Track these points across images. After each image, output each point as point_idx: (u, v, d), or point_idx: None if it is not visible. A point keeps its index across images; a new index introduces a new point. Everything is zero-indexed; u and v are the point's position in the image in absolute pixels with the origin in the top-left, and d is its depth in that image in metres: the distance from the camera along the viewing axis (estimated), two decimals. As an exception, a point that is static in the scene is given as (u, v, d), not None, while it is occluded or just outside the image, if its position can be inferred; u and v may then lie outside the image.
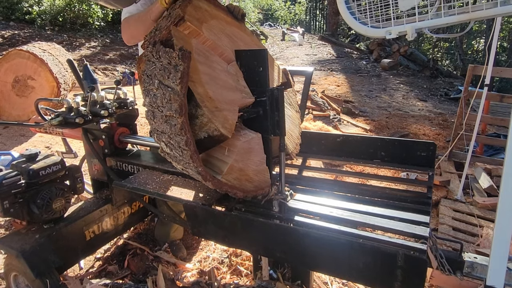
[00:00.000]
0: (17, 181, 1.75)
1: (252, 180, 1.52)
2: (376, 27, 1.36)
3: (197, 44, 1.40)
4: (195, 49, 1.37)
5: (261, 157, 1.52)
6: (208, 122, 1.31)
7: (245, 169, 1.47)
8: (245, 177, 1.49)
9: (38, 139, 4.57)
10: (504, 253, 1.20)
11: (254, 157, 1.49)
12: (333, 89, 8.09)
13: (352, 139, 1.97)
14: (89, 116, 1.95)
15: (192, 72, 1.31)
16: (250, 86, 1.46)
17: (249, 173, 1.49)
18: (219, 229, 1.46)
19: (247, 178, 1.50)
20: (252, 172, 1.50)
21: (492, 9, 1.17)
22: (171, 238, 2.51)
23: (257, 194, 1.55)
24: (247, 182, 1.50)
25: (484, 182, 3.44)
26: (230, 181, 1.43)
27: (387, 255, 1.13)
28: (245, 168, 1.47)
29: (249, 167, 1.49)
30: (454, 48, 15.22)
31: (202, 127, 1.32)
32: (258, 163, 1.51)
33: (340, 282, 2.16)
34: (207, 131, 1.33)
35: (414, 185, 2.26)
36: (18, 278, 1.94)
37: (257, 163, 1.51)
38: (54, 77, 4.95)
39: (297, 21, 22.51)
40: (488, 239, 2.59)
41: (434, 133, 5.43)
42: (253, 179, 1.52)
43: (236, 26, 1.67)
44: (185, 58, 1.24)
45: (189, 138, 1.25)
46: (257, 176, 1.53)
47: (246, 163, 1.47)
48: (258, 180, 1.54)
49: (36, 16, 10.20)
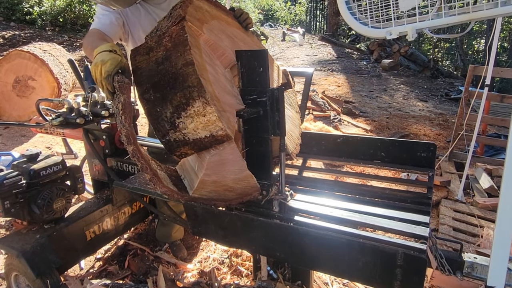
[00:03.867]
0: (18, 181, 1.76)
1: (233, 188, 1.45)
2: (376, 28, 1.37)
3: (204, 45, 1.40)
4: (203, 50, 1.37)
5: (239, 165, 1.42)
6: (216, 120, 1.27)
7: (222, 180, 1.40)
8: (224, 188, 1.43)
9: (39, 139, 4.58)
10: (505, 253, 1.20)
11: (230, 167, 1.40)
12: (334, 89, 8.09)
13: (352, 139, 1.97)
14: (90, 116, 1.95)
15: (202, 70, 1.29)
16: (250, 86, 1.46)
17: (227, 183, 1.42)
18: (219, 229, 1.46)
19: (227, 188, 1.44)
20: (231, 182, 1.43)
21: (492, 9, 1.17)
22: (172, 238, 2.51)
23: (243, 200, 1.50)
24: (227, 192, 1.45)
25: (485, 182, 3.44)
26: (205, 195, 1.40)
27: (386, 254, 1.13)
28: (221, 179, 1.40)
29: (226, 177, 1.41)
30: (454, 48, 15.22)
31: (208, 125, 1.28)
32: (237, 171, 1.42)
33: (340, 282, 2.16)
34: (211, 130, 1.29)
35: (415, 186, 2.26)
36: (18, 278, 1.95)
37: (235, 172, 1.42)
38: (54, 77, 4.96)
39: (297, 22, 22.52)
40: (489, 239, 2.59)
41: (434, 134, 5.43)
42: (234, 187, 1.45)
43: (236, 27, 1.67)
44: (123, 89, 1.25)
45: (143, 164, 1.26)
46: (239, 184, 1.45)
47: (222, 174, 1.39)
48: (241, 187, 1.47)
49: (37, 17, 10.22)
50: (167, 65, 1.30)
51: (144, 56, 1.36)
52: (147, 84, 1.33)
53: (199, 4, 1.51)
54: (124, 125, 1.23)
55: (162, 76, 1.31)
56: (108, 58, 1.33)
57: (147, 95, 1.33)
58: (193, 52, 1.27)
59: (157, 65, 1.33)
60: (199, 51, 1.34)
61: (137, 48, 1.39)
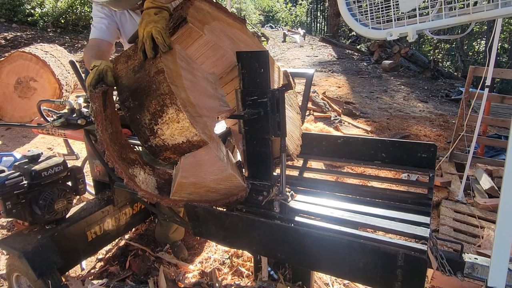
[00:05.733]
0: (19, 182, 1.76)
1: (216, 189, 1.45)
2: (377, 29, 1.37)
3: (180, 50, 1.42)
4: (178, 55, 1.39)
5: (218, 165, 1.41)
6: (189, 127, 1.29)
7: (201, 182, 1.41)
8: (205, 189, 1.43)
9: (40, 140, 4.59)
10: (505, 254, 1.20)
11: (207, 168, 1.40)
12: (334, 90, 8.09)
13: (353, 140, 1.98)
14: (91, 117, 1.96)
15: (175, 77, 1.32)
16: (251, 87, 1.46)
17: (208, 184, 1.42)
18: (220, 230, 1.46)
19: (208, 189, 1.44)
20: (212, 182, 1.42)
21: (492, 10, 1.17)
22: (170, 239, 2.52)
23: (230, 201, 1.49)
24: (209, 193, 1.45)
25: (485, 183, 3.44)
26: (185, 197, 1.40)
27: (387, 255, 1.14)
28: (200, 181, 1.40)
29: (206, 178, 1.41)
30: (455, 49, 15.21)
31: (183, 131, 1.30)
32: (216, 172, 1.41)
33: (341, 283, 2.16)
34: (186, 136, 1.31)
35: (415, 186, 2.26)
36: (20, 278, 1.95)
37: (215, 173, 1.41)
38: (56, 78, 4.97)
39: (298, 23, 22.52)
40: (489, 240, 2.59)
41: (435, 134, 5.43)
42: (217, 188, 1.45)
43: (237, 28, 1.68)
44: (94, 98, 1.29)
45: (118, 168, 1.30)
46: (222, 184, 1.45)
47: (200, 176, 1.40)
48: (225, 187, 1.46)
49: (39, 18, 10.24)
50: (142, 73, 1.35)
51: (123, 65, 1.42)
52: (127, 92, 1.38)
53: (200, 6, 1.51)
54: (97, 132, 1.28)
55: (138, 84, 1.35)
56: (91, 72, 1.41)
57: (127, 102, 1.38)
58: (163, 60, 1.30)
59: (134, 73, 1.37)
60: (172, 57, 1.37)
61: (118, 57, 1.44)
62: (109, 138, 1.33)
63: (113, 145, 1.35)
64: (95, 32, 2.09)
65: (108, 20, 2.09)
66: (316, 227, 1.45)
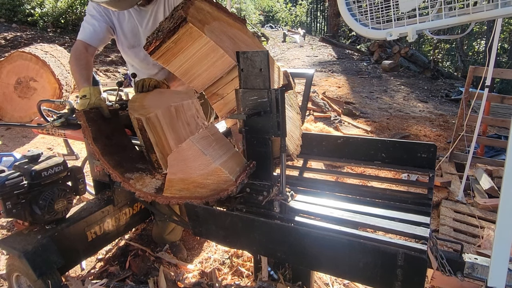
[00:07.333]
0: (19, 182, 1.76)
1: (204, 185, 1.46)
2: (377, 29, 1.37)
3: (167, 112, 1.68)
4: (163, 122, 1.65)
5: (203, 160, 1.42)
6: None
7: (189, 178, 1.42)
8: (194, 184, 1.44)
9: (40, 140, 4.59)
10: (506, 254, 1.20)
11: (192, 163, 1.42)
12: (334, 90, 8.09)
13: (353, 140, 1.98)
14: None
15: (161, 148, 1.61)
16: (251, 87, 1.47)
17: (196, 179, 1.43)
18: (220, 229, 1.46)
19: (197, 185, 1.45)
20: (199, 177, 1.43)
21: (492, 10, 1.17)
22: (166, 240, 2.51)
23: (221, 196, 1.47)
24: (199, 189, 1.45)
25: (485, 183, 3.44)
26: (177, 193, 1.43)
27: (387, 255, 1.14)
28: (187, 176, 1.42)
29: (192, 174, 1.42)
30: (454, 49, 15.21)
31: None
32: (202, 167, 1.42)
33: (341, 283, 2.16)
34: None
35: (415, 187, 2.26)
36: (20, 278, 1.95)
37: (200, 167, 1.42)
38: (56, 78, 4.97)
39: (298, 23, 22.52)
40: (489, 240, 2.59)
41: (435, 134, 5.43)
42: (205, 183, 1.46)
43: (237, 28, 1.68)
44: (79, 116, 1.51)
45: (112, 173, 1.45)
46: (209, 179, 1.45)
47: (186, 171, 1.41)
48: (213, 182, 1.46)
49: (38, 18, 10.24)
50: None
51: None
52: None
53: (201, 6, 1.51)
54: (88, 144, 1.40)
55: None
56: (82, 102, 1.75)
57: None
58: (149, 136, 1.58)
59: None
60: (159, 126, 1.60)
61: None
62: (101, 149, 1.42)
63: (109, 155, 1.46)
64: (82, 33, 2.13)
65: (99, 21, 2.12)
66: (316, 227, 1.45)
